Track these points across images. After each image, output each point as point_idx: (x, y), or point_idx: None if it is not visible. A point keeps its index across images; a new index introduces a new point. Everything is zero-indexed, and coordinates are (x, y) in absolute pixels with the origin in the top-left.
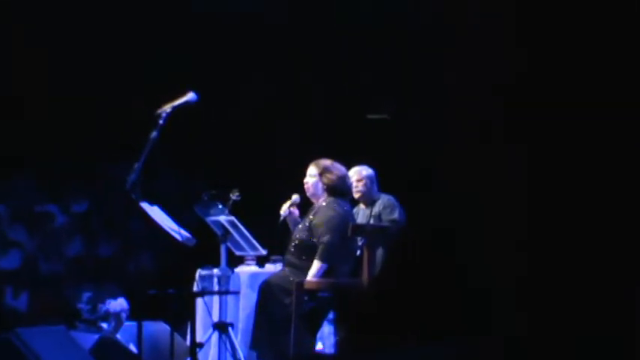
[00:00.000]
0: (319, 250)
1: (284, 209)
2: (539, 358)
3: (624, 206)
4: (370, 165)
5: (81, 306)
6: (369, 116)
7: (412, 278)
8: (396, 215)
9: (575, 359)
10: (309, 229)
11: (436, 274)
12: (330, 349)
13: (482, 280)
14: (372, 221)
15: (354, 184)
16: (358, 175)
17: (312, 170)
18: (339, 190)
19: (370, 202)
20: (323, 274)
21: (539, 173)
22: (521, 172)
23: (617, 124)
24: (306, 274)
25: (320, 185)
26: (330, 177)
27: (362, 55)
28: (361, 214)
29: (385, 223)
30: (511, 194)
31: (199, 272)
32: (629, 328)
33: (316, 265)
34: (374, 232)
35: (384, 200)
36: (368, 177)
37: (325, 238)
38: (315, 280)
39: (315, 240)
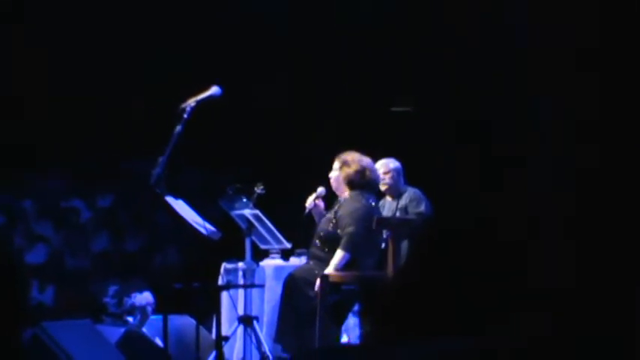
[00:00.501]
0: (343, 240)
1: (309, 202)
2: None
3: None
4: (395, 158)
5: (107, 300)
6: (394, 109)
7: (436, 271)
8: (422, 208)
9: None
10: (334, 221)
11: (461, 266)
12: (355, 342)
13: (509, 271)
14: (398, 214)
15: (381, 176)
16: (385, 167)
17: (335, 164)
18: (356, 183)
19: (397, 195)
20: (346, 264)
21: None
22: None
23: None
24: None
25: (341, 179)
26: (347, 170)
27: (387, 49)
28: (387, 206)
29: (411, 216)
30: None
31: (224, 266)
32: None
33: (339, 255)
34: (399, 225)
35: (410, 193)
36: (395, 169)
37: (349, 229)
38: (340, 272)
39: (339, 232)
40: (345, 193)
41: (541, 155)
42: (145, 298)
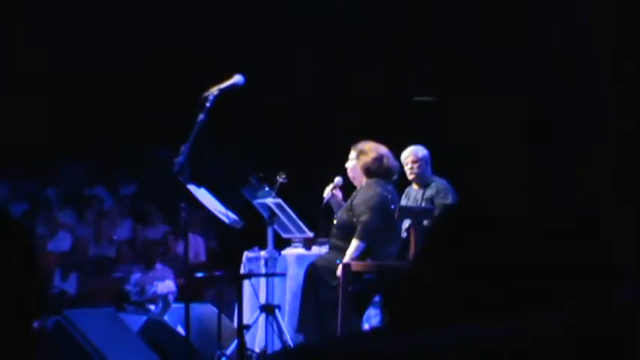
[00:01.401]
0: (358, 229)
1: (327, 192)
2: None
3: None
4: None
5: (129, 288)
6: (417, 99)
7: (450, 261)
8: (449, 200)
9: None
10: (351, 209)
11: (475, 259)
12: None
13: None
14: (423, 204)
15: (409, 165)
16: (413, 156)
17: (352, 154)
18: (373, 171)
19: (423, 184)
20: (361, 253)
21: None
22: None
23: None
24: None
25: (358, 168)
26: (364, 159)
27: (409, 40)
28: (413, 194)
29: (431, 206)
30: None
31: (246, 254)
32: None
33: (354, 244)
34: (420, 214)
35: (437, 184)
36: (423, 158)
37: (364, 217)
38: (361, 262)
39: (355, 220)
40: (362, 181)
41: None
42: (166, 286)
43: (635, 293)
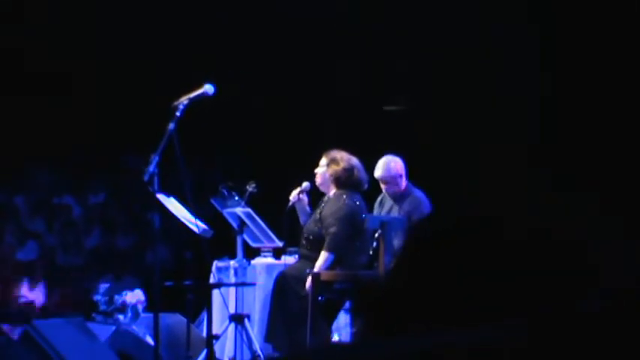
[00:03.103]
0: (326, 241)
1: (293, 195)
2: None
3: None
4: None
5: (98, 298)
6: (386, 108)
7: (427, 269)
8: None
9: None
10: (319, 221)
11: (452, 265)
12: (346, 340)
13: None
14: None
15: (382, 185)
16: (384, 178)
17: (323, 160)
18: (343, 182)
19: (399, 198)
20: (330, 265)
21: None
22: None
23: None
24: None
25: (327, 176)
26: (335, 168)
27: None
28: (388, 204)
29: (401, 217)
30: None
31: (216, 264)
32: None
33: (323, 256)
34: (388, 223)
35: (413, 198)
36: (395, 176)
37: (332, 229)
38: (330, 271)
39: (324, 232)
40: (330, 191)
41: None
42: (135, 295)
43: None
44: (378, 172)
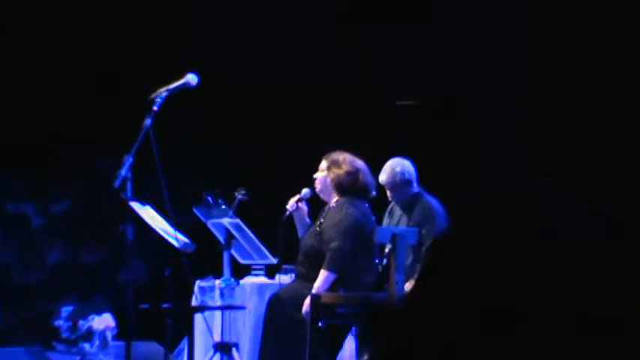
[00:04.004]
0: (327, 258)
1: (291, 203)
2: None
3: None
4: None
5: (59, 323)
6: (398, 102)
7: (452, 294)
8: (437, 226)
9: None
10: (319, 234)
11: (474, 289)
12: None
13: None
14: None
15: (388, 192)
16: (391, 183)
17: (323, 164)
18: (346, 188)
19: (407, 207)
20: (331, 286)
21: None
22: None
23: None
24: None
25: (329, 182)
26: (337, 172)
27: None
28: (397, 214)
29: (415, 228)
30: None
31: (198, 284)
32: None
33: (323, 275)
34: (400, 237)
35: (424, 206)
36: (402, 182)
37: (334, 244)
38: (333, 293)
39: (324, 247)
40: (332, 199)
41: None
42: (104, 321)
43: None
44: (381, 177)
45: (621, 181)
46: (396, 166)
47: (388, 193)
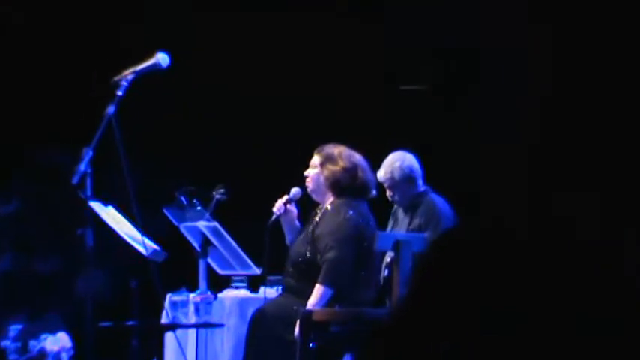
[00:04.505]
0: (322, 270)
1: (278, 205)
2: None
3: None
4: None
5: (7, 344)
6: (403, 87)
7: (443, 303)
8: (440, 231)
9: None
10: (312, 241)
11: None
12: None
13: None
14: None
15: (387, 191)
16: (390, 180)
17: (315, 159)
18: (343, 187)
19: (410, 207)
20: (328, 301)
21: None
22: None
23: None
24: None
25: (322, 180)
26: (332, 169)
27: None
28: (400, 218)
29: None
30: None
31: (170, 298)
32: None
33: (318, 290)
34: (403, 244)
35: (428, 206)
36: (402, 180)
37: (331, 254)
38: (327, 309)
39: (318, 257)
40: (326, 201)
41: None
42: (59, 341)
43: None
44: (380, 174)
45: (621, 181)
46: (396, 161)
47: (388, 192)
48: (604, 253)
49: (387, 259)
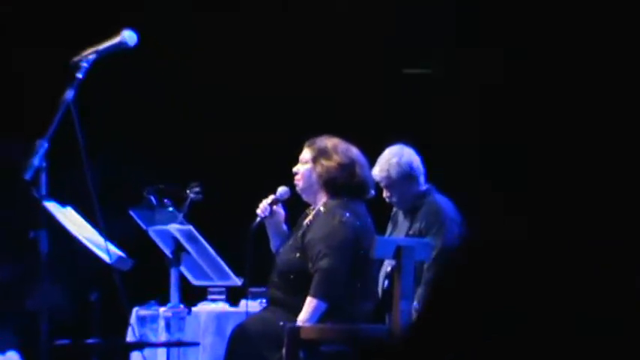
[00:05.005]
0: (314, 281)
1: (263, 206)
2: None
3: None
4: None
5: None
6: (406, 71)
7: (461, 325)
8: (443, 235)
9: None
10: (302, 249)
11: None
12: None
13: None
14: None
15: (383, 191)
16: (386, 179)
17: (305, 153)
18: (339, 186)
19: (410, 209)
20: (321, 317)
21: None
22: None
23: None
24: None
25: (314, 177)
26: (326, 165)
27: None
28: (400, 221)
29: (424, 240)
30: None
31: (137, 312)
32: None
33: (309, 304)
34: (407, 250)
35: (429, 209)
36: (400, 178)
37: (324, 263)
38: (318, 325)
39: (310, 266)
40: (318, 201)
41: None
42: None
43: None
44: (373, 172)
45: (621, 181)
46: (393, 157)
47: (385, 193)
48: (604, 253)
49: (387, 268)
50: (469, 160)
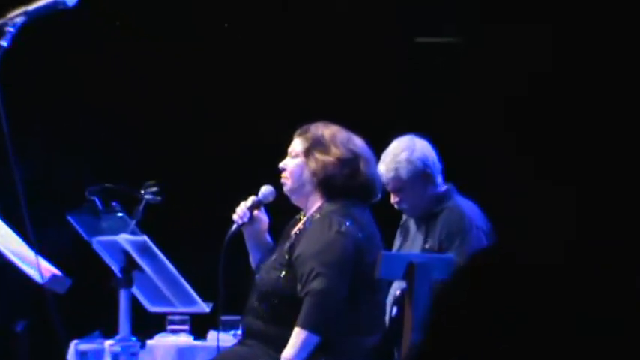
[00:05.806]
0: (304, 307)
1: (241, 210)
2: None
3: None
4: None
5: None
6: (418, 40)
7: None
8: (468, 249)
9: None
10: (289, 264)
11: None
12: None
13: None
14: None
15: (391, 194)
16: (394, 181)
17: (295, 145)
18: (338, 186)
19: (424, 217)
20: (312, 353)
21: None
22: None
23: None
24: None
25: (307, 175)
26: (321, 159)
27: None
28: (412, 231)
29: (443, 255)
30: None
31: (76, 346)
32: None
33: (298, 337)
34: (420, 267)
35: (451, 215)
36: (411, 179)
37: (316, 284)
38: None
39: (298, 287)
40: (312, 205)
41: None
42: None
43: None
44: (381, 170)
45: (621, 181)
46: (401, 152)
47: (393, 198)
48: (604, 254)
49: (396, 292)
50: (497, 154)
